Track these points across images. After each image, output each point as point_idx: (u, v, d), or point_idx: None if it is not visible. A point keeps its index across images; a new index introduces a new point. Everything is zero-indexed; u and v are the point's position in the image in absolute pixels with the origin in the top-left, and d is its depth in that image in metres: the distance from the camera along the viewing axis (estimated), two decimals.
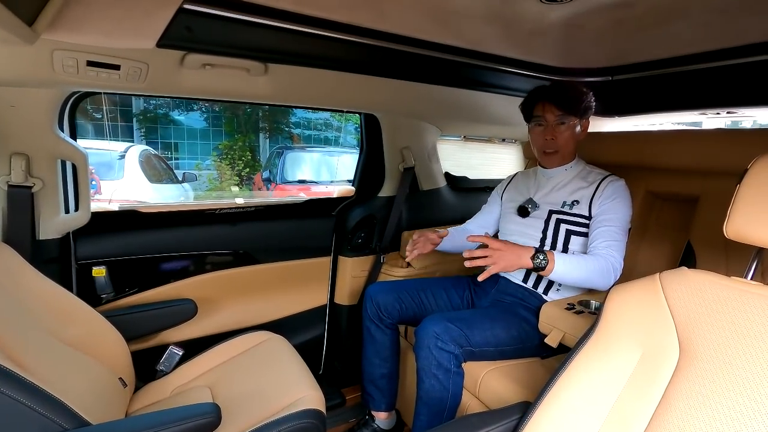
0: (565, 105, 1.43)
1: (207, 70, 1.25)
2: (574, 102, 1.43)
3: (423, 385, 1.28)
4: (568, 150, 1.49)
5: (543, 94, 1.47)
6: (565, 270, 1.26)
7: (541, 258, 1.25)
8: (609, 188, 1.41)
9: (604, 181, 1.43)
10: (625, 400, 0.74)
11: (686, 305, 0.75)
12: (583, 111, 1.45)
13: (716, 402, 0.65)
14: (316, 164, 6.01)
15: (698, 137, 1.49)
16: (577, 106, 1.43)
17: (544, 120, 1.46)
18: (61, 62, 1.06)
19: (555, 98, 1.43)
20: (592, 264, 1.28)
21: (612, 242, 1.33)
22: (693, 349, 0.71)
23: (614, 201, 1.38)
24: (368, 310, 1.54)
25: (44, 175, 1.30)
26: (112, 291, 1.51)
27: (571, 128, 1.45)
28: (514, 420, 0.85)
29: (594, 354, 0.81)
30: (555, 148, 1.47)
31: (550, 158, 1.51)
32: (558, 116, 1.44)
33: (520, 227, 1.53)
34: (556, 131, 1.45)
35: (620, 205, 1.38)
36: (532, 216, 1.51)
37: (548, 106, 1.44)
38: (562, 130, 1.45)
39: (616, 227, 1.34)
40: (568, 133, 1.46)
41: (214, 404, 0.91)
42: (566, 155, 1.50)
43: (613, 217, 1.36)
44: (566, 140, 1.46)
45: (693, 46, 1.42)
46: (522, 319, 1.36)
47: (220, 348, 1.43)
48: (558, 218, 1.45)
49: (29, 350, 0.91)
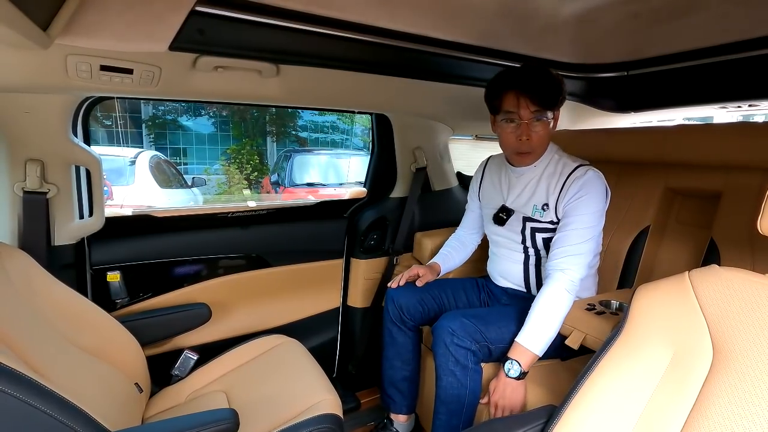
0: (544, 98, 1.23)
1: (219, 72, 1.24)
2: (554, 93, 1.24)
3: (441, 383, 1.26)
4: (543, 149, 1.35)
5: (515, 83, 1.24)
6: (540, 339, 1.19)
7: (512, 365, 1.18)
8: (574, 186, 1.28)
9: (570, 177, 1.30)
10: (656, 404, 0.72)
11: (719, 304, 0.72)
12: (561, 102, 1.28)
13: (755, 404, 0.62)
14: (324, 167, 6.03)
15: (721, 131, 1.45)
16: (557, 98, 1.26)
17: (518, 116, 1.26)
18: (75, 67, 1.06)
19: (532, 90, 1.22)
20: (554, 305, 1.21)
21: (569, 249, 1.25)
22: (728, 349, 0.68)
23: (579, 200, 1.27)
24: (390, 312, 1.52)
25: (59, 180, 1.30)
26: (126, 296, 1.51)
27: (547, 125, 1.29)
28: (540, 424, 0.83)
29: (622, 356, 0.78)
30: (530, 148, 1.30)
31: (522, 158, 1.35)
32: (534, 112, 1.25)
33: (502, 233, 1.47)
34: (532, 130, 1.27)
35: (586, 202, 1.27)
36: (509, 223, 1.43)
37: (523, 100, 1.23)
38: (539, 129, 1.27)
39: (578, 231, 1.26)
40: (544, 131, 1.29)
41: (232, 410, 0.90)
42: (540, 153, 1.36)
43: (575, 219, 1.27)
44: (542, 139, 1.30)
45: (711, 39, 1.39)
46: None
47: (234, 352, 1.42)
48: (532, 227, 1.38)
49: (46, 356, 0.90)
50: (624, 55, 1.65)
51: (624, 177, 1.66)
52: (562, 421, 0.78)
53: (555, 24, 1.31)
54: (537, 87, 1.23)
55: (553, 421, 0.79)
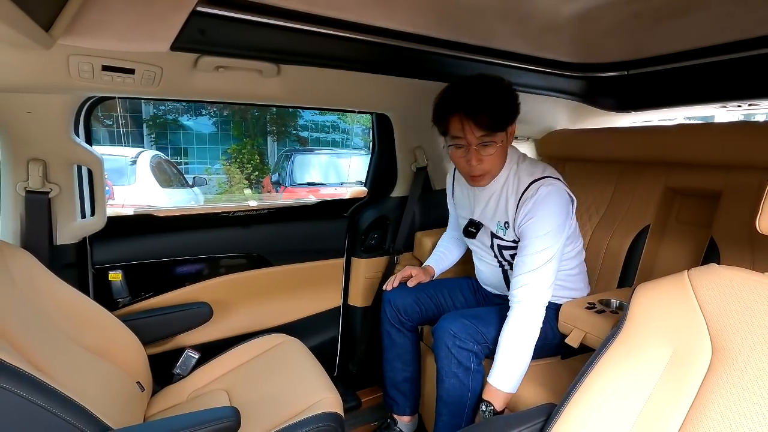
0: (491, 122, 1.14)
1: (220, 72, 1.25)
2: (503, 114, 1.16)
3: (443, 385, 1.26)
4: (499, 168, 1.27)
5: (459, 105, 1.16)
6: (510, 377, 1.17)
7: (486, 407, 1.18)
8: (525, 206, 1.23)
9: (524, 195, 1.24)
10: (655, 402, 0.72)
11: (718, 303, 0.72)
12: (512, 119, 1.20)
13: (753, 403, 0.63)
14: (324, 166, 6.03)
15: (721, 130, 1.45)
16: (507, 119, 1.17)
17: (465, 141, 1.19)
18: (77, 67, 1.06)
19: (477, 113, 1.13)
20: (519, 341, 1.19)
21: (526, 278, 1.21)
22: (726, 347, 0.69)
23: (530, 222, 1.21)
24: (387, 314, 1.52)
25: (61, 180, 1.30)
26: (128, 295, 1.51)
27: (499, 147, 1.20)
28: (540, 423, 0.83)
29: (621, 354, 0.78)
30: (482, 172, 1.24)
31: (477, 181, 1.28)
32: (482, 137, 1.17)
33: (476, 244, 1.46)
34: (483, 154, 1.19)
35: (537, 224, 1.20)
36: (479, 236, 1.41)
37: (468, 125, 1.15)
38: (489, 152, 1.19)
39: (532, 256, 1.20)
40: (497, 152, 1.21)
41: (233, 408, 0.90)
42: (496, 173, 1.28)
43: (529, 243, 1.21)
44: (495, 160, 1.22)
45: (712, 38, 1.39)
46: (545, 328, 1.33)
47: (235, 351, 1.43)
48: (498, 244, 1.36)
49: (48, 355, 0.91)
50: (624, 55, 1.65)
51: (624, 176, 1.66)
52: (561, 419, 0.78)
53: (555, 23, 1.31)
54: (483, 110, 1.13)
55: (552, 420, 0.80)
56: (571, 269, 1.41)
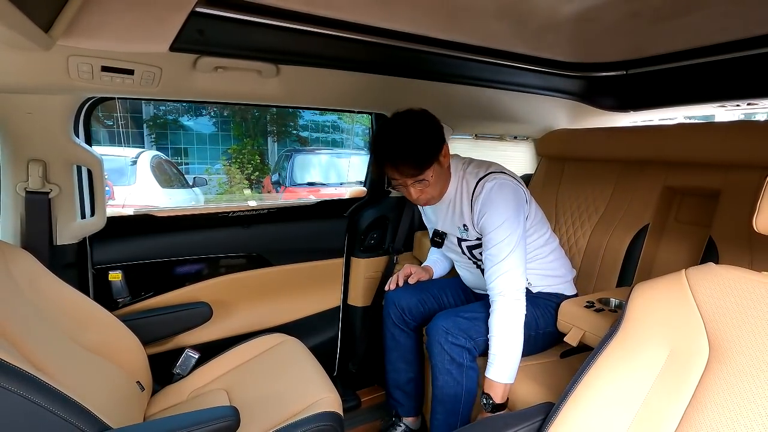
0: (414, 168, 1.23)
1: (219, 72, 1.25)
2: (423, 158, 1.23)
3: (437, 383, 1.27)
4: (443, 189, 1.35)
5: (385, 156, 1.25)
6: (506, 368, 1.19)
7: (486, 400, 1.20)
8: (476, 204, 1.30)
9: (474, 195, 1.31)
10: (653, 401, 0.72)
11: (715, 302, 0.73)
12: (437, 153, 1.25)
13: (751, 401, 0.63)
14: (324, 166, 6.03)
15: (720, 129, 1.45)
16: (430, 159, 1.24)
17: (401, 182, 1.29)
18: (76, 68, 1.07)
19: (400, 163, 1.23)
20: (507, 330, 1.21)
21: (497, 269, 1.24)
22: (724, 347, 0.69)
23: (485, 217, 1.28)
24: (392, 315, 1.52)
25: (61, 180, 1.31)
26: (128, 295, 1.52)
27: (433, 177, 1.27)
28: (538, 421, 0.84)
29: (619, 353, 0.79)
30: (426, 200, 1.33)
31: (428, 203, 1.37)
32: (412, 177, 1.26)
33: (450, 252, 1.54)
34: (420, 187, 1.28)
35: (492, 218, 1.26)
36: (447, 245, 1.50)
37: (397, 172, 1.26)
38: (426, 185, 1.28)
39: (497, 247, 1.25)
40: (433, 182, 1.29)
41: (232, 407, 0.91)
42: (443, 192, 1.36)
43: (490, 236, 1.26)
44: (435, 187, 1.31)
45: (711, 37, 1.39)
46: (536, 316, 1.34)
47: (235, 351, 1.43)
48: (467, 245, 1.42)
49: (49, 354, 0.91)
50: (624, 54, 1.64)
51: (623, 176, 1.66)
52: (559, 418, 0.79)
53: (555, 23, 1.31)
54: (403, 159, 1.22)
55: (550, 418, 0.80)
56: (546, 256, 1.43)
